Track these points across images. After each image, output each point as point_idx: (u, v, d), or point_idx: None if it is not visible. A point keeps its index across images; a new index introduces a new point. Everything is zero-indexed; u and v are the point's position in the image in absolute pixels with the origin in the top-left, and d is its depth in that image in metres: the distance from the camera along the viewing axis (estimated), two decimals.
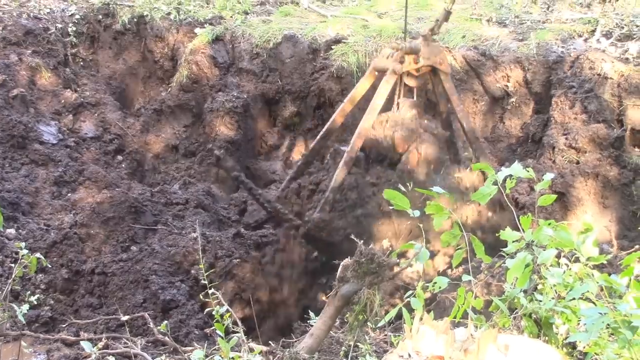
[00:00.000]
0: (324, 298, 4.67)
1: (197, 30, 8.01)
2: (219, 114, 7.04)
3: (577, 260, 2.73)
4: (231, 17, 8.20)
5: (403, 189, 3.09)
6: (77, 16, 8.53)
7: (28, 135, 6.73)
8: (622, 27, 7.54)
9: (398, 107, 4.76)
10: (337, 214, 4.43)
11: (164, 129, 7.41)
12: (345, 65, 7.29)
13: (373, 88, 4.85)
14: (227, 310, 3.05)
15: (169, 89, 7.77)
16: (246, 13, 8.32)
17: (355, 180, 4.48)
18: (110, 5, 8.57)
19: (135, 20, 8.41)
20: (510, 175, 2.71)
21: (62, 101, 7.44)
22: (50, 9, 8.58)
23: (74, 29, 8.40)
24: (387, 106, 4.75)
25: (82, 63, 8.33)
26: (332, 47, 7.55)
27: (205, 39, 7.80)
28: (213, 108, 7.10)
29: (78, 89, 7.81)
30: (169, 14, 8.33)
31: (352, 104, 4.99)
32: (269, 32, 7.83)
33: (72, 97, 7.48)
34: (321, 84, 7.40)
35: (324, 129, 5.06)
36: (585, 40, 7.44)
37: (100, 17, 8.52)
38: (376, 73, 4.91)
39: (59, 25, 8.37)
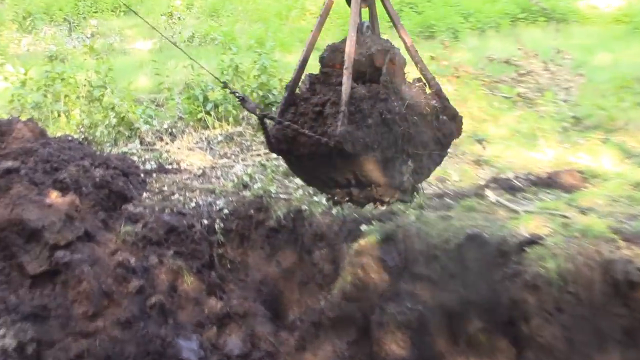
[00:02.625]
0: None
1: (363, 227, 8.65)
2: (389, 329, 7.41)
3: None
4: (404, 212, 8.81)
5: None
6: (226, 211, 9.53)
7: (165, 351, 7.41)
8: None
9: (359, 29, 6.00)
10: (355, 125, 5.62)
11: (323, 345, 7.85)
12: (542, 272, 7.48)
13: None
14: None
15: (329, 297, 8.31)
16: (421, 207, 8.90)
17: (361, 91, 5.74)
18: (264, 199, 9.53)
19: (291, 215, 9.25)
20: None
21: (206, 311, 8.19)
22: (196, 202, 9.67)
23: (222, 225, 9.36)
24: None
25: (229, 265, 9.19)
26: (526, 249, 7.80)
27: (372, 238, 8.39)
28: (382, 321, 7.49)
29: (224, 295, 8.57)
30: (330, 207, 9.11)
31: (317, 36, 6.27)
32: (449, 230, 8.27)
33: (216, 306, 8.21)
34: (513, 294, 7.57)
35: (299, 62, 6.25)
36: None
37: (252, 211, 9.46)
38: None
39: (205, 222, 9.37)
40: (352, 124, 5.65)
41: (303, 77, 6.30)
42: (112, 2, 23.58)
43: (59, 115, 11.72)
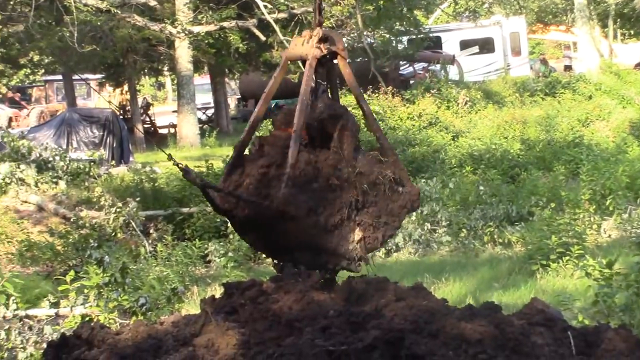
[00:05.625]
0: None
1: None
2: None
3: None
4: None
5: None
6: None
7: None
8: None
9: (313, 93, 7.06)
10: (299, 188, 6.60)
11: None
12: None
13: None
14: None
15: None
16: None
17: (308, 156, 6.74)
18: None
19: None
20: None
21: None
22: None
23: None
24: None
25: None
26: None
27: None
28: None
29: None
30: None
31: (271, 95, 7.32)
32: None
33: None
34: None
35: (249, 122, 7.27)
36: None
37: None
38: (289, 63, 7.45)
39: None
40: (296, 187, 6.59)
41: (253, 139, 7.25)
42: None
43: None
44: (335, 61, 7.46)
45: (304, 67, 7.21)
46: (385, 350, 5.00)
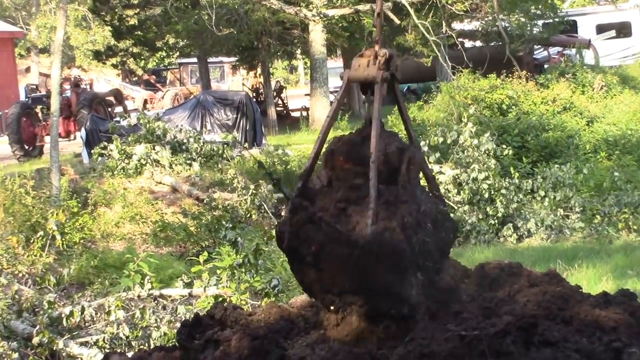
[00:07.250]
0: None
1: None
2: None
3: None
4: None
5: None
6: None
7: None
8: None
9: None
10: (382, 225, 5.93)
11: None
12: None
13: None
14: None
15: None
16: None
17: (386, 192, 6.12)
18: None
19: None
20: None
21: None
22: None
23: None
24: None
25: None
26: None
27: None
28: None
29: None
30: None
31: (334, 120, 6.72)
32: None
33: None
34: None
35: (314, 151, 6.64)
36: None
37: None
38: (351, 85, 6.68)
39: None
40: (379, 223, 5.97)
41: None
42: None
43: None
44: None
45: (363, 89, 6.57)
46: (518, 336, 4.97)
